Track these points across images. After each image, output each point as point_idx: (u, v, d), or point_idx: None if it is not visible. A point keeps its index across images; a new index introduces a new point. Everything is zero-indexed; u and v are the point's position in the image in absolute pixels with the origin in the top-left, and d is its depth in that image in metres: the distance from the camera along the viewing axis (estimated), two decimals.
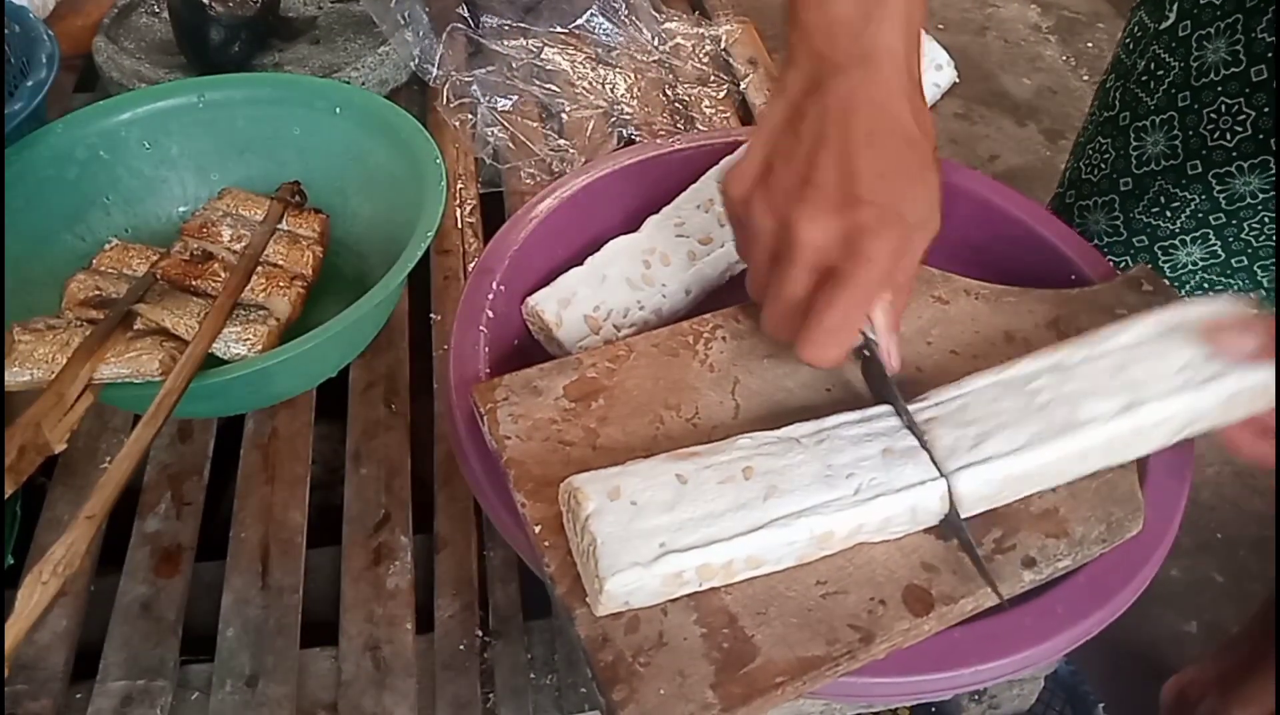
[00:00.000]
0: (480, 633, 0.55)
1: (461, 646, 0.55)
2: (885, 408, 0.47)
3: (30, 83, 0.71)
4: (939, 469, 0.44)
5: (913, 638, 0.42)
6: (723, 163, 0.63)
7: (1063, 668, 0.97)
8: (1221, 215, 0.70)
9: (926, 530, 0.46)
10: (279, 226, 0.67)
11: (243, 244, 0.65)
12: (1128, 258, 0.76)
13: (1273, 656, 1.00)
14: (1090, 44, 2.47)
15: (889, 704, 0.49)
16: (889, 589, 0.43)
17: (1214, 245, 0.71)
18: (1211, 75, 0.67)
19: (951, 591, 0.43)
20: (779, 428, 0.46)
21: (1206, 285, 0.73)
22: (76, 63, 0.95)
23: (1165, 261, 0.74)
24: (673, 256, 0.59)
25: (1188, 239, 0.72)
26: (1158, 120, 0.72)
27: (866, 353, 0.48)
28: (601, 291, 0.57)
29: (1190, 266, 0.73)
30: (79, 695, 0.53)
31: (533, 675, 0.54)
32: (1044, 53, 2.46)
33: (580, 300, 0.57)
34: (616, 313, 0.57)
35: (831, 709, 0.52)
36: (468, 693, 0.53)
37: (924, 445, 0.44)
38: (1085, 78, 2.40)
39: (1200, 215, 0.71)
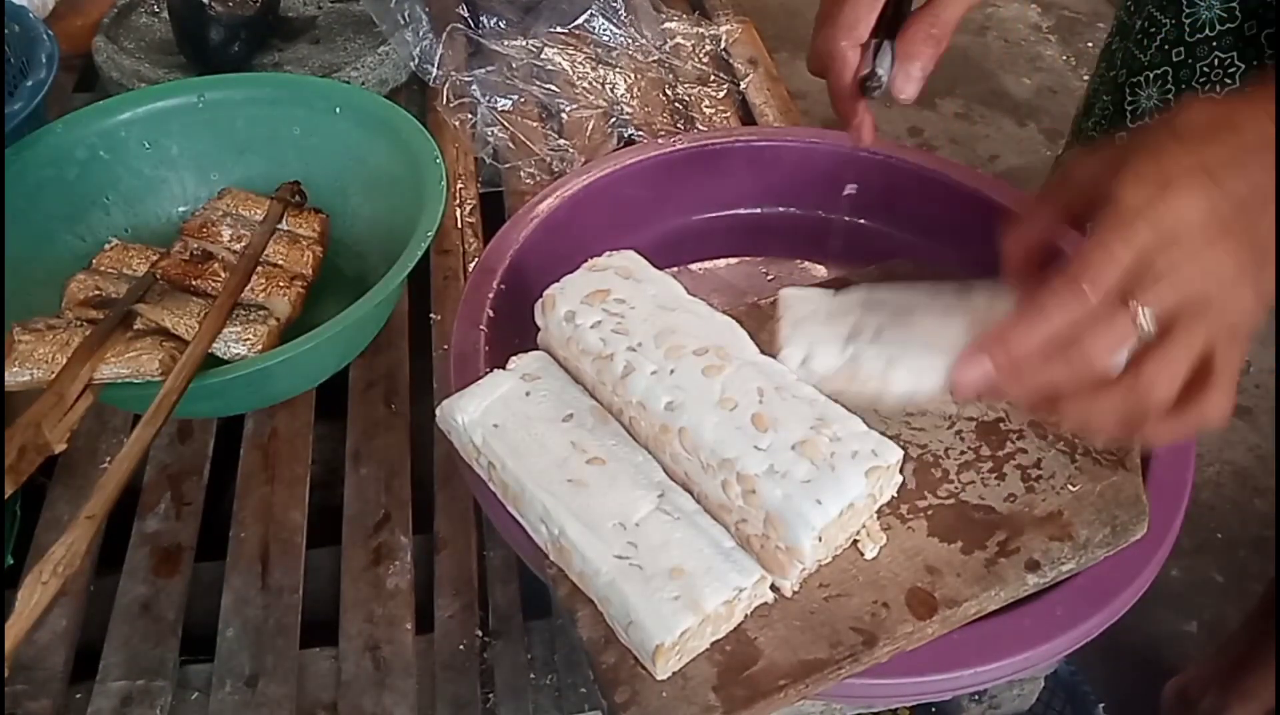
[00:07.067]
0: (480, 633, 0.55)
1: (461, 646, 0.55)
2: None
3: (30, 82, 0.71)
4: None
5: (916, 641, 0.42)
6: None
7: (1063, 668, 0.97)
8: None
9: (929, 533, 0.46)
10: (279, 226, 0.67)
11: (243, 244, 0.64)
12: None
13: (1272, 651, 1.00)
14: (1090, 44, 2.47)
15: (889, 704, 0.49)
16: (892, 591, 0.43)
17: None
18: (1206, 31, 0.70)
19: (955, 594, 0.43)
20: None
21: None
22: (76, 63, 0.94)
23: None
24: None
25: None
26: (1151, 75, 0.75)
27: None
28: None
29: None
30: (79, 695, 0.53)
31: (533, 675, 0.54)
32: (1044, 53, 2.46)
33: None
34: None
35: (831, 709, 0.52)
36: (468, 693, 0.53)
37: None
38: (1085, 77, 2.38)
39: None
